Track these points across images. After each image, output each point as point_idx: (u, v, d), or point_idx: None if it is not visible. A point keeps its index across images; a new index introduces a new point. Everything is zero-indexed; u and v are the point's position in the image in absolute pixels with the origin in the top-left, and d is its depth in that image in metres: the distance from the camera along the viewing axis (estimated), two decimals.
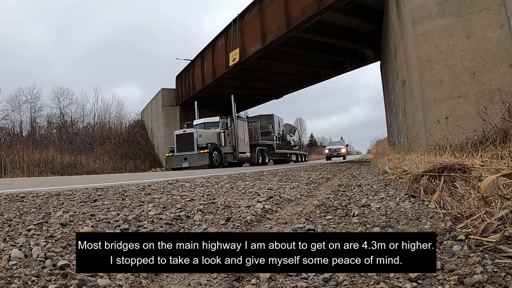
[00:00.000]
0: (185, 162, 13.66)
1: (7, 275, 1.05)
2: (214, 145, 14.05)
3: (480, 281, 0.93)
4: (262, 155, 17.91)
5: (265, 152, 18.37)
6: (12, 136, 19.74)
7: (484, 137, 4.07)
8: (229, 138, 15.38)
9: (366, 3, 10.59)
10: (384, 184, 3.50)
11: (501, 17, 5.16)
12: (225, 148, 14.99)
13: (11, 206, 2.19)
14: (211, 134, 14.76)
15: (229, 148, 15.35)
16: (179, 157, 13.87)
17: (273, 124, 20.80)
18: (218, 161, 13.96)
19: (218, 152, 14.16)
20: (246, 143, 16.91)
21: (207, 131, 15.00)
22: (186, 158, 13.65)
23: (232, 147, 15.59)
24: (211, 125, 15.45)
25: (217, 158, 14.02)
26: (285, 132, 22.83)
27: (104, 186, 3.60)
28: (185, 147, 13.92)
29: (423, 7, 5.91)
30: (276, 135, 20.80)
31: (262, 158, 17.79)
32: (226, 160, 14.99)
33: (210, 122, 15.71)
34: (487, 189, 1.57)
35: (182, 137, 14.23)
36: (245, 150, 16.55)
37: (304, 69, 16.62)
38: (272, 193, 3.07)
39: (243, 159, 16.52)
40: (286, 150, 21.91)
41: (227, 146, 15.17)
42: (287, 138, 22.73)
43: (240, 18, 13.35)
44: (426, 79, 5.81)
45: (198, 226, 1.81)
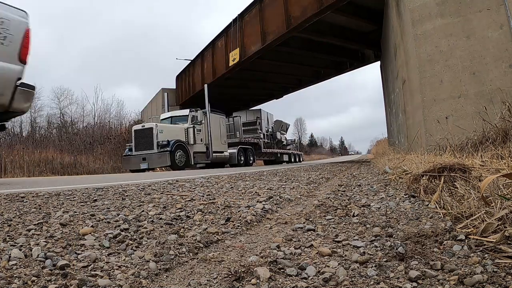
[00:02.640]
0: (143, 162, 11.51)
1: (7, 275, 1.05)
2: (177, 142, 11.82)
3: (480, 281, 0.93)
4: (245, 155, 15.94)
5: (249, 151, 16.43)
6: (12, 136, 19.73)
7: (484, 137, 4.07)
8: (200, 134, 13.31)
9: (366, 3, 10.60)
10: (384, 184, 3.50)
11: (501, 17, 5.16)
12: (195, 147, 12.85)
13: (11, 206, 2.19)
14: (177, 129, 12.59)
15: (200, 147, 13.26)
16: (137, 157, 11.77)
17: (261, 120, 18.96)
18: (182, 161, 11.82)
19: (183, 151, 12.00)
20: (223, 140, 14.94)
21: (173, 126, 12.90)
22: (144, 158, 11.51)
23: (205, 146, 13.54)
24: (180, 119, 13.34)
25: (182, 158, 11.86)
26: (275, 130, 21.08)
27: (104, 186, 3.60)
28: (143, 145, 11.80)
29: (423, 7, 5.91)
30: (264, 133, 19.03)
31: (245, 158, 15.81)
32: (197, 161, 12.99)
33: (178, 116, 13.57)
34: (487, 189, 1.57)
35: (140, 133, 12.07)
36: (222, 149, 14.61)
37: (304, 69, 16.62)
38: (272, 193, 3.07)
39: (220, 159, 14.45)
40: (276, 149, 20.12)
41: (198, 144, 13.09)
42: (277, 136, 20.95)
43: (240, 18, 13.35)
44: (426, 79, 5.81)
45: (198, 226, 1.81)
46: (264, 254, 1.32)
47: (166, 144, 11.39)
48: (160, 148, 11.42)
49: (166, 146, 11.37)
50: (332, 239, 1.49)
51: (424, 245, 1.28)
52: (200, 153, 13.26)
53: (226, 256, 1.34)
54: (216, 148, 14.05)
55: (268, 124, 20.23)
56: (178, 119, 13.48)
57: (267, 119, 20.12)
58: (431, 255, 1.17)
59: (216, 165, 14.55)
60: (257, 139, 17.86)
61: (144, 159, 11.54)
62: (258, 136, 18.12)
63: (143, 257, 1.29)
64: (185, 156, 12.01)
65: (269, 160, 20.02)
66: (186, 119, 13.20)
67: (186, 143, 12.41)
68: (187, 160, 12.15)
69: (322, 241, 1.47)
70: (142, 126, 12.36)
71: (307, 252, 1.34)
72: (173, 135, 12.05)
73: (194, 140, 12.72)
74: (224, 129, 15.23)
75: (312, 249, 1.37)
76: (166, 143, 11.38)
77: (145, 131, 11.95)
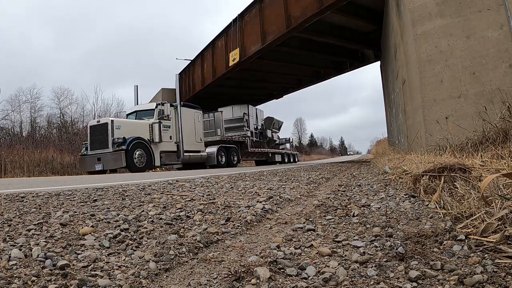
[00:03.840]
0: (98, 163, 10.07)
1: (7, 275, 1.05)
2: (136, 140, 10.28)
3: (480, 281, 0.93)
4: (228, 155, 14.33)
5: (233, 150, 14.82)
6: (12, 136, 19.75)
7: (484, 137, 4.07)
8: (169, 131, 11.82)
9: (366, 3, 10.60)
10: (384, 184, 3.50)
11: (501, 17, 5.16)
12: (162, 145, 11.35)
13: (11, 206, 2.19)
14: (139, 125, 11.03)
15: (169, 145, 11.77)
16: (92, 157, 10.31)
17: (248, 117, 17.15)
18: (143, 162, 10.38)
19: (143, 150, 10.47)
20: (199, 138, 13.39)
21: (134, 121, 11.39)
22: (99, 159, 10.09)
23: (176, 144, 12.06)
24: (146, 114, 11.72)
25: (142, 158, 10.37)
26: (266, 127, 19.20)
27: (104, 186, 3.60)
28: (98, 143, 10.32)
29: (423, 7, 5.91)
30: (252, 130, 17.27)
31: (227, 158, 14.20)
32: (164, 161, 11.55)
33: (144, 110, 11.97)
34: (487, 189, 1.57)
35: (95, 129, 10.52)
36: (197, 148, 13.07)
37: (304, 69, 16.62)
38: (272, 193, 3.07)
39: (195, 159, 12.95)
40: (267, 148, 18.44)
41: (166, 142, 11.55)
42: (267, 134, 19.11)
43: (240, 18, 13.35)
44: (426, 79, 5.81)
45: (198, 226, 1.81)
46: (264, 254, 1.32)
47: (122, 142, 9.95)
48: (115, 147, 9.93)
49: (122, 144, 9.90)
50: (332, 239, 1.49)
51: (424, 245, 1.28)
52: (170, 152, 11.82)
53: (226, 256, 1.34)
54: (190, 146, 12.52)
55: (257, 121, 18.42)
56: (144, 113, 11.79)
57: (256, 116, 18.31)
58: (431, 255, 1.17)
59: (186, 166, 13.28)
60: (244, 137, 16.20)
61: (99, 159, 10.11)
62: (245, 134, 16.41)
63: (143, 257, 1.29)
64: (146, 156, 10.51)
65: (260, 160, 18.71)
66: (153, 114, 11.57)
67: (151, 141, 10.93)
68: (150, 161, 10.69)
69: (322, 241, 1.47)
70: (97, 121, 10.88)
71: (307, 252, 1.34)
72: (134, 131, 10.56)
73: (160, 138, 11.14)
74: (200, 126, 13.67)
75: (312, 249, 1.37)
76: (122, 141, 9.96)
77: (100, 127, 10.41)
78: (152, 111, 11.66)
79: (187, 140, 12.41)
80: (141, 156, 10.36)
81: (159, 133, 11.13)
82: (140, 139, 10.51)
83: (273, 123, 20.22)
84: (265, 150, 18.10)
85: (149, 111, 11.79)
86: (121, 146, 9.90)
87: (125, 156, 9.81)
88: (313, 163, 17.89)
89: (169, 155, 11.83)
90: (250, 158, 17.84)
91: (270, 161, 18.84)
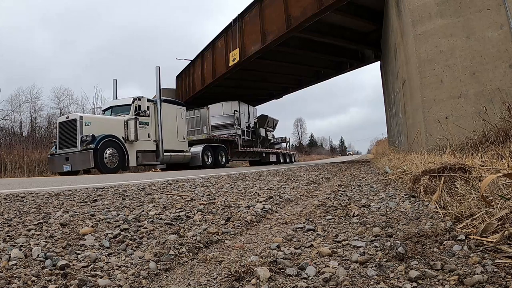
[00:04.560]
0: (66, 164, 9.19)
1: (7, 275, 1.05)
2: (106, 138, 9.33)
3: (480, 281, 0.93)
4: (215, 155, 13.40)
5: (221, 150, 13.90)
6: (12, 136, 19.75)
7: (484, 137, 4.07)
8: (148, 129, 10.84)
9: (366, 3, 10.61)
10: (384, 184, 3.50)
11: (501, 17, 5.16)
12: (139, 144, 10.40)
13: (11, 206, 2.19)
14: (113, 122, 10.06)
15: (148, 144, 10.82)
16: (60, 157, 9.40)
17: (240, 114, 16.09)
18: (115, 162, 9.46)
19: (116, 149, 9.52)
20: (182, 137, 12.37)
21: (107, 118, 10.51)
22: (67, 158, 9.21)
23: (155, 143, 11.11)
24: (122, 110, 10.70)
25: (113, 158, 9.41)
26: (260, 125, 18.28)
27: (104, 186, 3.60)
28: (67, 141, 9.42)
29: (423, 7, 5.91)
30: (243, 129, 16.24)
31: (214, 158, 13.28)
32: (141, 161, 10.55)
33: (120, 106, 10.88)
34: (487, 189, 1.57)
35: (64, 126, 9.61)
36: (179, 147, 12.07)
37: (304, 69, 16.63)
38: (272, 193, 3.07)
39: (177, 159, 11.99)
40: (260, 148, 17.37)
41: (144, 140, 10.60)
42: (261, 132, 18.03)
43: (240, 18, 13.35)
44: (426, 79, 5.81)
45: (198, 226, 1.81)
46: (264, 254, 1.32)
47: (90, 140, 9.00)
48: (84, 145, 9.01)
49: (91, 143, 8.97)
50: (332, 239, 1.49)
51: (424, 245, 1.28)
52: (148, 152, 10.85)
53: (226, 256, 1.34)
54: (171, 146, 11.54)
55: (250, 119, 17.29)
56: (120, 109, 10.72)
57: (248, 113, 17.21)
58: (431, 255, 1.17)
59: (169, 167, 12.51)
60: (234, 136, 15.13)
61: (67, 159, 9.24)
62: (235, 132, 15.33)
63: (143, 257, 1.29)
64: (118, 156, 9.57)
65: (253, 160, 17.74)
66: (129, 110, 10.52)
67: (126, 139, 9.99)
68: (123, 161, 9.73)
69: (322, 241, 1.47)
70: (66, 117, 9.90)
71: (307, 252, 1.33)
72: (107, 129, 9.62)
73: (136, 136, 10.16)
74: (183, 123, 12.58)
75: (312, 249, 1.37)
76: (91, 139, 9.00)
77: (69, 123, 9.47)
78: (129, 107, 10.55)
79: (168, 138, 11.45)
80: (112, 156, 9.41)
81: (135, 131, 10.14)
82: (112, 137, 9.55)
83: (267, 121, 19.25)
84: (258, 149, 17.07)
85: (126, 106, 10.68)
86: (89, 144, 8.98)
87: (94, 156, 8.89)
88: (313, 163, 17.88)
89: (147, 155, 10.83)
90: (242, 159, 16.80)
91: (264, 161, 17.93)
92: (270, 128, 19.86)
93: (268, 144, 19.33)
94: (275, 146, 20.67)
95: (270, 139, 19.63)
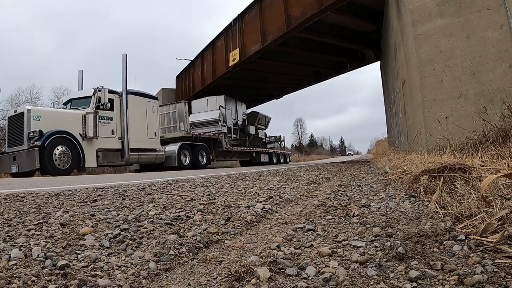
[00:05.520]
0: (14, 164, 8.03)
1: (7, 275, 1.05)
2: (56, 134, 8.02)
3: (480, 281, 0.93)
4: (194, 155, 12.13)
5: (201, 149, 12.55)
6: None
7: (484, 137, 4.07)
8: (111, 124, 9.53)
9: (366, 3, 10.62)
10: (384, 184, 3.50)
11: (501, 17, 5.16)
12: (99, 142, 9.14)
13: (11, 206, 2.19)
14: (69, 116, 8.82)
15: (111, 142, 9.51)
16: (9, 156, 8.25)
17: (225, 110, 14.89)
18: (67, 162, 8.18)
19: (68, 148, 8.24)
20: (153, 133, 10.96)
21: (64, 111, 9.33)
22: (15, 158, 8.06)
23: (119, 140, 9.75)
24: (83, 103, 9.41)
25: (65, 158, 8.13)
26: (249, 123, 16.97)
27: (104, 186, 3.60)
28: (15, 138, 8.26)
29: (423, 7, 5.92)
30: (230, 126, 15.06)
31: (192, 158, 11.99)
32: (102, 161, 9.24)
33: (80, 99, 9.60)
34: (487, 189, 1.56)
35: (13, 121, 8.46)
36: (150, 146, 10.75)
37: (304, 69, 16.64)
38: (272, 193, 3.07)
39: (147, 159, 10.69)
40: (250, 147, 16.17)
41: (106, 138, 9.35)
42: (250, 130, 16.69)
43: (240, 18, 13.36)
44: (426, 79, 5.81)
45: (198, 226, 1.81)
46: (264, 254, 1.32)
47: (37, 137, 7.75)
48: (31, 143, 7.77)
49: (37, 140, 7.72)
50: (332, 239, 1.49)
51: (424, 245, 1.28)
52: (111, 151, 9.56)
53: (226, 256, 1.34)
54: (139, 144, 10.24)
55: (237, 116, 16.02)
56: (80, 102, 9.48)
57: (236, 109, 15.93)
58: (431, 255, 1.17)
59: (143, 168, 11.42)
60: (219, 133, 13.87)
61: (14, 158, 8.06)
62: (220, 130, 14.11)
63: (143, 257, 1.29)
64: (71, 155, 8.30)
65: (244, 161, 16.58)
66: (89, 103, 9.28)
67: (83, 135, 8.78)
68: (78, 161, 8.47)
69: (322, 241, 1.47)
70: (14, 111, 8.67)
71: (307, 252, 1.33)
72: (61, 124, 8.33)
73: (96, 132, 8.94)
74: (155, 118, 11.15)
75: (312, 249, 1.37)
76: (38, 135, 7.76)
77: (17, 118, 8.27)
78: (89, 99, 9.27)
79: (136, 135, 10.10)
80: (63, 155, 8.10)
81: (94, 126, 8.87)
82: (64, 133, 8.22)
83: (258, 118, 17.81)
84: (247, 149, 15.73)
85: (86, 98, 9.39)
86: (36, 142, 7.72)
87: (40, 155, 7.66)
88: (313, 163, 17.87)
89: (110, 154, 9.51)
90: (228, 159, 15.32)
91: (255, 161, 16.64)
92: (262, 126, 18.61)
93: (260, 143, 18.32)
94: (268, 145, 19.66)
95: (262, 138, 18.56)
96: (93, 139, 9.00)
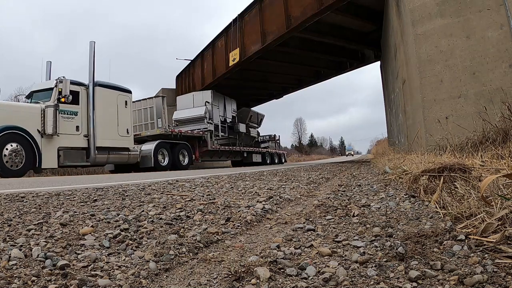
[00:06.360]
0: None
1: (7, 275, 1.05)
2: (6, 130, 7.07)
3: (480, 281, 0.93)
4: (174, 154, 11.15)
5: (182, 149, 11.53)
6: None
7: (484, 137, 4.07)
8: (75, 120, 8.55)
9: (366, 3, 10.61)
10: (384, 184, 3.50)
11: (501, 17, 5.16)
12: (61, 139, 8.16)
13: (11, 206, 2.19)
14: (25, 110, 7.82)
15: (75, 139, 8.52)
16: None
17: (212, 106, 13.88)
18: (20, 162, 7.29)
19: (21, 146, 7.33)
20: (125, 131, 9.86)
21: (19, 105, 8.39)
22: None
23: (85, 138, 8.77)
24: (44, 96, 8.41)
25: (17, 157, 7.25)
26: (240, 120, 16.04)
27: (104, 186, 3.60)
28: None
29: (423, 7, 5.91)
30: (217, 123, 14.07)
31: (172, 158, 11.06)
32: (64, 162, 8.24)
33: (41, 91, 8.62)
34: (487, 189, 1.57)
35: None
36: (121, 144, 9.76)
37: (304, 69, 16.63)
38: (272, 193, 3.07)
39: (118, 159, 9.74)
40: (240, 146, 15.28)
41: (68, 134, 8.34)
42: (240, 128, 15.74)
43: (240, 18, 13.36)
44: (426, 79, 5.81)
45: (198, 226, 1.81)
46: (264, 254, 1.32)
47: None
48: None
49: None
50: (332, 239, 1.49)
51: (424, 245, 1.28)
52: (76, 149, 8.56)
53: (226, 256, 1.34)
54: (109, 142, 9.23)
55: (226, 113, 14.98)
56: (42, 95, 8.46)
57: (224, 106, 14.88)
58: (431, 255, 1.17)
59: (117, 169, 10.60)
60: (204, 131, 12.91)
61: None
62: (205, 127, 13.13)
63: (143, 257, 1.29)
64: (25, 154, 7.37)
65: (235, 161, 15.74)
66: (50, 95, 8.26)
67: (42, 132, 7.78)
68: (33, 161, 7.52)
69: (322, 241, 1.47)
70: None
71: (307, 252, 1.34)
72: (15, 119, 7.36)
73: (56, 128, 7.91)
74: (127, 114, 10.01)
75: (312, 249, 1.37)
76: None
77: None
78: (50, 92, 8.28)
79: (104, 133, 9.06)
80: (15, 154, 7.18)
81: (54, 122, 7.83)
82: (16, 129, 7.23)
83: (250, 116, 16.82)
84: (237, 148, 14.75)
85: (47, 91, 8.39)
86: None
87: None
88: (313, 163, 17.86)
89: (73, 154, 8.50)
90: (216, 159, 14.30)
91: (246, 162, 15.68)
92: (254, 124, 17.59)
93: (253, 143, 17.37)
94: (262, 144, 18.68)
95: (254, 137, 17.62)
96: (54, 136, 8.00)
